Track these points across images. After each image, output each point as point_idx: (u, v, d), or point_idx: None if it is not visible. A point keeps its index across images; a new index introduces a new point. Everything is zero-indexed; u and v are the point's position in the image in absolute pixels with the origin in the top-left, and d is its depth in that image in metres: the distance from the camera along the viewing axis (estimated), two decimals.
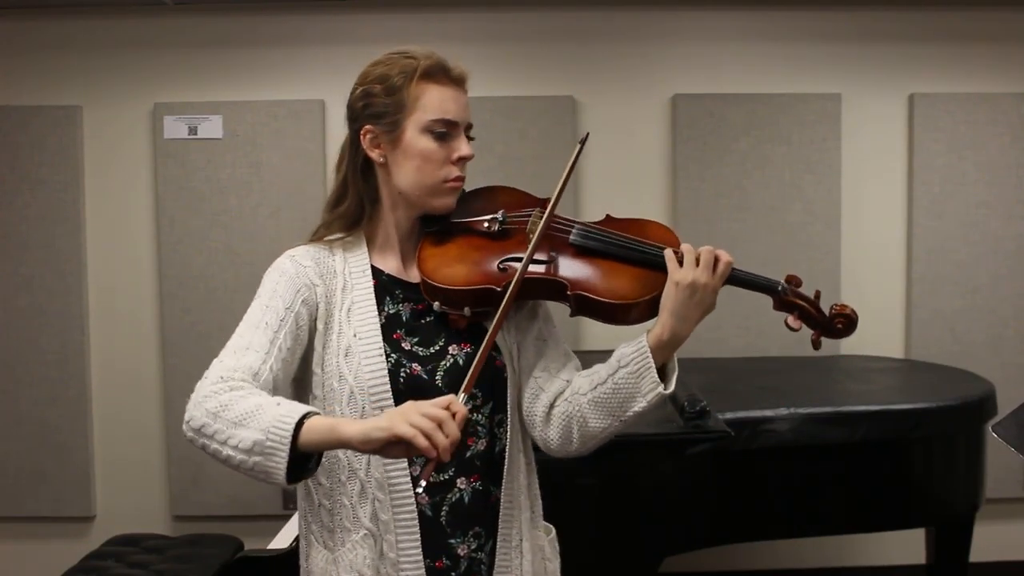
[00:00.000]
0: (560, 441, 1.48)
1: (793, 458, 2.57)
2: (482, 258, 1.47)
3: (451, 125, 1.45)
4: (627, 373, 1.40)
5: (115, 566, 2.94)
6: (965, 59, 3.77)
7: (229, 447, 1.24)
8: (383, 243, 1.53)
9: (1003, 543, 3.77)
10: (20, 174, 3.65)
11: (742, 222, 3.73)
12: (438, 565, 1.43)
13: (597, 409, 1.43)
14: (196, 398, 1.29)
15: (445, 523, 1.44)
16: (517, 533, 1.50)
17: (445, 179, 1.46)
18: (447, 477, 1.44)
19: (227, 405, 1.25)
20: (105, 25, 3.69)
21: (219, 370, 1.33)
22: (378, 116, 1.45)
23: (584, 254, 1.48)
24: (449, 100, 1.45)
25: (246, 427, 1.23)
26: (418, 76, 1.44)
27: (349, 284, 1.48)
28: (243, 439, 1.22)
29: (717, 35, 3.77)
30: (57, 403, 3.68)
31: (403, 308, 1.49)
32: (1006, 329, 3.77)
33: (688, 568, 3.38)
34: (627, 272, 1.45)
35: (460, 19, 3.70)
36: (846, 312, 1.47)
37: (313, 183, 3.67)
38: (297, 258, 1.50)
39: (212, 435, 1.25)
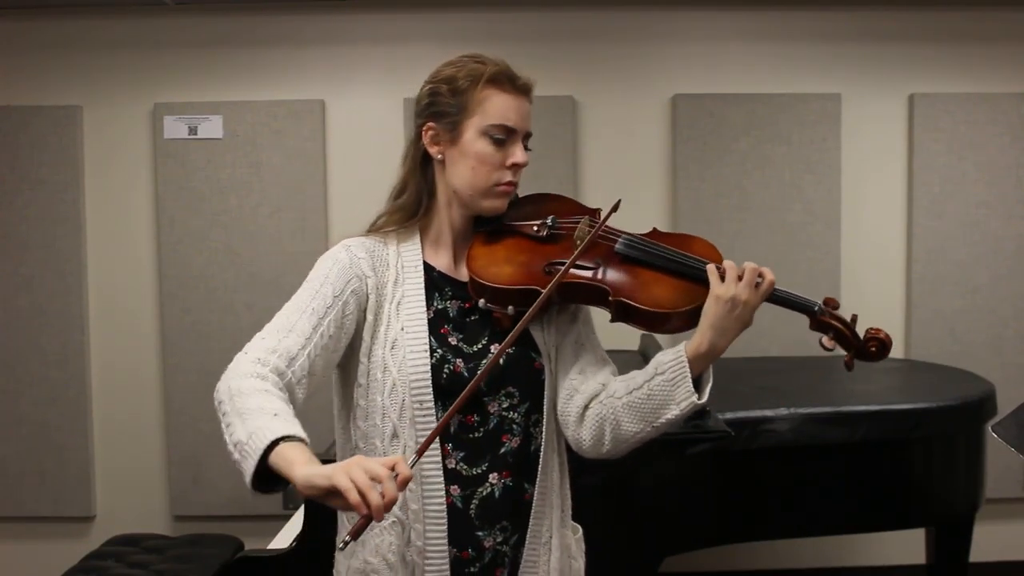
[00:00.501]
0: (592, 442, 1.51)
1: (793, 458, 2.57)
2: (529, 260, 1.52)
3: (509, 132, 1.50)
4: (663, 381, 1.43)
5: (115, 566, 2.94)
6: (965, 59, 3.77)
7: (227, 433, 1.29)
8: (436, 239, 1.57)
9: (1003, 543, 3.77)
10: (20, 174, 3.66)
11: (742, 222, 3.73)
12: (464, 555, 1.48)
13: (631, 413, 1.46)
14: (232, 369, 1.36)
15: (474, 515, 1.48)
16: (547, 530, 1.54)
17: (497, 182, 1.51)
18: (480, 472, 1.48)
19: (243, 392, 1.31)
20: (105, 25, 3.69)
21: (259, 350, 1.38)
22: (441, 115, 1.51)
23: (628, 263, 1.52)
24: (511, 108, 1.50)
25: (242, 423, 1.27)
26: (484, 81, 1.49)
27: (401, 278, 1.52)
28: (236, 431, 1.27)
29: (717, 35, 3.77)
30: (57, 403, 3.68)
31: (451, 305, 1.53)
32: (1006, 329, 3.77)
33: (688, 568, 3.39)
34: (668, 283, 1.49)
35: (460, 19, 3.70)
36: (880, 336, 1.50)
37: (313, 183, 3.67)
38: (352, 248, 1.53)
39: (222, 414, 1.31)
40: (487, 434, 1.49)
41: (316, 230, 3.67)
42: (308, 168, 3.68)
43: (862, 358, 1.52)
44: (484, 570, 1.49)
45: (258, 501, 3.67)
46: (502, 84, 1.50)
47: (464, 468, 1.48)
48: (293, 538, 2.43)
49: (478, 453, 1.48)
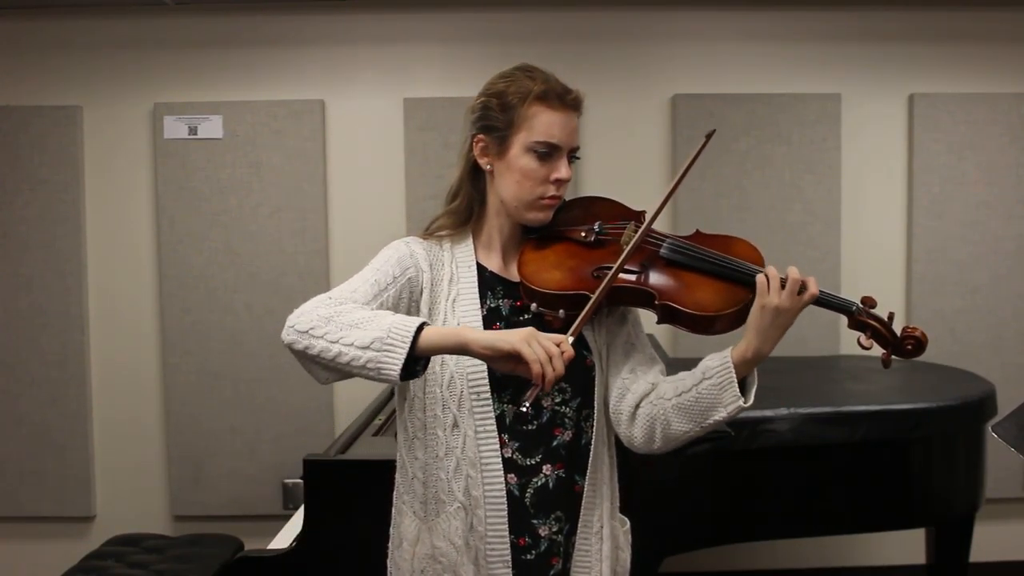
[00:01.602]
0: (643, 439, 1.58)
1: (793, 458, 2.57)
2: (577, 265, 1.58)
3: (554, 148, 1.55)
4: (711, 385, 1.50)
5: (115, 566, 2.94)
6: (965, 59, 3.77)
7: (342, 344, 1.36)
8: (487, 242, 1.64)
9: (1003, 543, 3.77)
10: (20, 174, 3.66)
11: (742, 222, 3.73)
12: (521, 542, 1.54)
13: (680, 414, 1.53)
14: (304, 308, 1.42)
15: (529, 504, 1.55)
16: (598, 520, 1.61)
17: (541, 196, 1.57)
18: (535, 462, 1.55)
19: (342, 312, 1.40)
20: (105, 25, 3.69)
21: (328, 294, 1.46)
22: (490, 129, 1.57)
23: (673, 266, 1.58)
24: (556, 125, 1.55)
25: (363, 328, 1.36)
26: (532, 98, 1.55)
27: (456, 276, 1.59)
28: (360, 337, 1.36)
29: (717, 35, 3.77)
30: (57, 403, 3.68)
31: (503, 304, 1.60)
32: (1006, 329, 3.77)
33: (688, 568, 3.39)
34: (712, 286, 1.55)
35: (460, 19, 3.70)
36: (916, 335, 1.55)
37: (313, 183, 3.67)
38: (411, 243, 1.60)
39: (322, 335, 1.38)
40: (540, 427, 1.56)
41: (316, 230, 3.67)
42: (308, 168, 3.68)
43: (899, 354, 1.57)
44: (540, 558, 1.55)
45: (258, 501, 3.68)
46: (550, 101, 1.56)
47: (520, 458, 1.54)
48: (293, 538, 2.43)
49: (532, 444, 1.55)
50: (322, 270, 3.67)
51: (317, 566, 2.28)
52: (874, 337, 1.56)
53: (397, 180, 3.66)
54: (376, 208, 3.63)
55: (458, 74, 3.66)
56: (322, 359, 1.39)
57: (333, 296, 1.45)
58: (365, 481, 1.60)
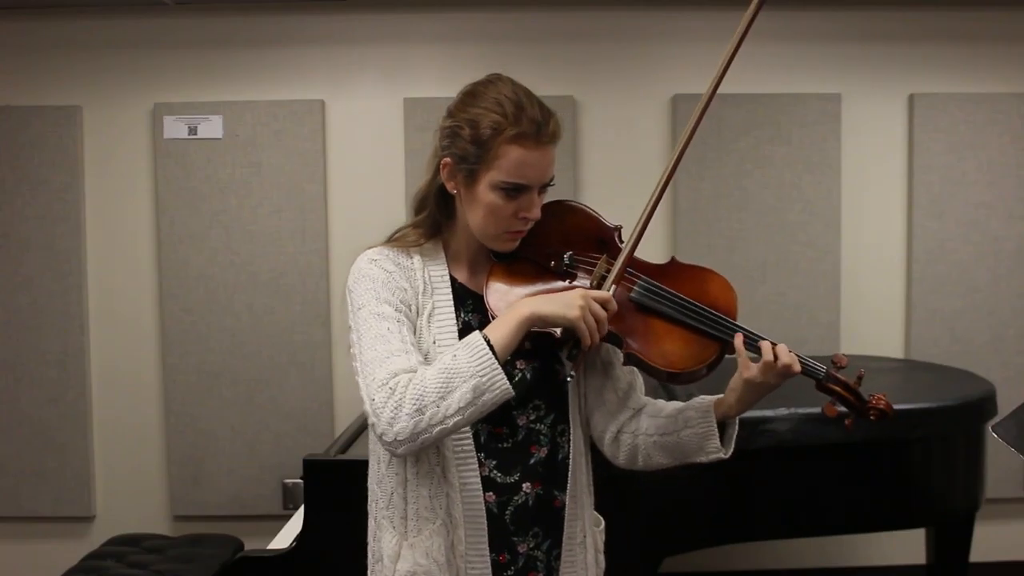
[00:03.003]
0: (626, 463, 1.64)
1: (793, 458, 2.57)
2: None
3: (523, 187, 1.49)
4: (693, 433, 1.55)
5: (115, 566, 2.94)
6: (965, 59, 3.77)
7: (452, 416, 1.35)
8: (456, 253, 1.60)
9: (1003, 543, 3.77)
10: (20, 174, 3.65)
11: (742, 222, 3.73)
12: (501, 559, 1.53)
13: (661, 451, 1.58)
14: (385, 417, 1.36)
15: (509, 522, 1.53)
16: (581, 531, 1.61)
17: (507, 230, 1.52)
18: (514, 480, 1.53)
19: (420, 395, 1.35)
20: (105, 25, 3.69)
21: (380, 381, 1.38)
22: (459, 158, 1.49)
23: (642, 311, 1.53)
24: (529, 165, 1.47)
25: (453, 391, 1.35)
26: (505, 137, 1.46)
27: (429, 289, 1.54)
28: (460, 398, 1.34)
29: (717, 35, 3.74)
30: (57, 403, 3.68)
31: (473, 318, 1.56)
32: (1006, 329, 3.77)
33: (688, 568, 3.39)
34: (682, 338, 1.50)
35: (460, 19, 3.70)
36: (881, 406, 1.53)
37: (313, 183, 3.67)
38: (379, 262, 1.52)
39: (429, 425, 1.35)
40: (516, 445, 1.54)
41: (316, 230, 3.67)
42: (308, 168, 3.68)
43: (860, 420, 1.55)
44: (519, 573, 1.55)
45: (258, 501, 3.68)
46: (524, 140, 1.46)
47: (499, 476, 1.53)
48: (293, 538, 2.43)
49: (510, 462, 1.53)
50: (322, 270, 3.67)
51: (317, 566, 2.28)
52: (840, 402, 1.53)
53: (397, 180, 3.66)
54: (376, 208, 3.63)
55: (458, 74, 3.61)
56: (444, 437, 1.39)
57: (392, 385, 1.37)
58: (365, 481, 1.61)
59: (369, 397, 1.39)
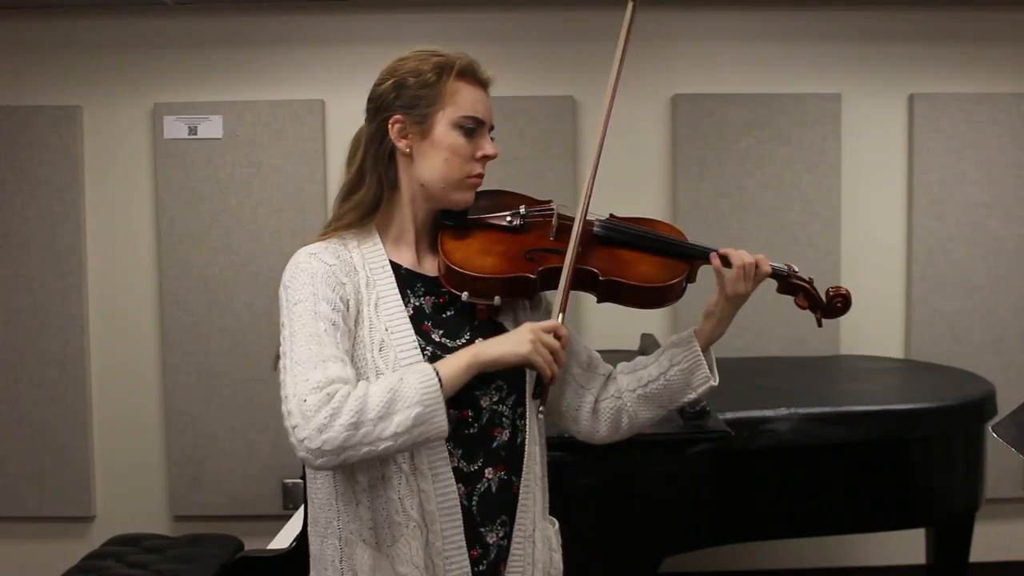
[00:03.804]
0: (608, 432, 1.63)
1: (793, 458, 2.57)
2: (507, 250, 1.53)
3: (479, 123, 1.51)
4: (679, 370, 1.56)
5: (115, 566, 2.94)
6: (965, 59, 3.77)
7: (386, 440, 1.29)
8: (398, 236, 1.54)
9: (1003, 543, 3.77)
10: (20, 174, 3.66)
11: (742, 222, 3.73)
12: (474, 553, 1.47)
13: (648, 403, 1.59)
14: (316, 422, 1.28)
15: (476, 512, 1.48)
16: (531, 523, 1.54)
17: (468, 174, 1.51)
18: (476, 468, 1.48)
19: (359, 409, 1.29)
20: (105, 25, 3.69)
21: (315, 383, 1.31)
22: (410, 107, 1.49)
23: (609, 244, 1.58)
24: (479, 100, 1.51)
25: (394, 414, 1.30)
26: (454, 73, 1.49)
27: (371, 279, 1.48)
28: (399, 423, 1.30)
29: (717, 35, 3.76)
30: (57, 403, 3.68)
31: (425, 301, 1.51)
32: (1006, 329, 3.77)
33: (688, 568, 3.39)
34: (651, 260, 1.57)
35: (460, 19, 3.70)
36: (841, 292, 1.64)
37: (313, 183, 3.67)
38: (319, 255, 1.47)
39: (360, 441, 1.29)
40: (480, 429, 1.48)
41: (316, 230, 3.63)
42: (308, 168, 3.68)
43: (829, 315, 1.64)
44: (491, 567, 1.49)
45: (258, 501, 3.68)
46: (468, 77, 1.51)
47: (464, 465, 1.47)
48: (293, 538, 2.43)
49: (474, 449, 1.48)
50: None
51: None
52: (807, 298, 1.61)
53: None
54: None
55: None
56: (369, 458, 1.32)
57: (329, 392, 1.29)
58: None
59: (299, 397, 1.29)
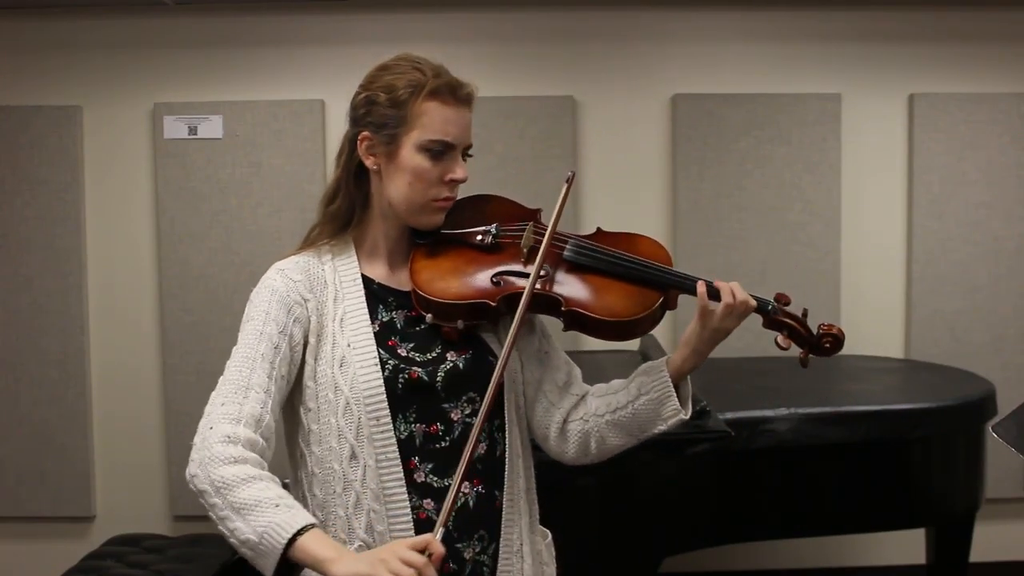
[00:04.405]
0: (576, 454, 1.55)
1: (793, 458, 2.57)
2: (475, 271, 1.48)
3: (448, 146, 1.45)
4: (648, 400, 1.47)
5: (115, 566, 2.94)
6: (965, 59, 3.77)
7: (227, 528, 1.27)
8: (371, 250, 1.53)
9: (1003, 543, 3.76)
10: (20, 174, 3.65)
11: (742, 222, 3.73)
12: (446, 569, 1.41)
13: (616, 430, 1.50)
14: (203, 454, 1.29)
15: (452, 528, 1.43)
16: (518, 537, 1.51)
17: (434, 198, 1.47)
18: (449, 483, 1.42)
19: (230, 485, 1.27)
20: (105, 25, 3.69)
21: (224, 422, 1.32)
22: (378, 126, 1.46)
23: (578, 269, 1.49)
24: (451, 122, 1.45)
25: (244, 519, 1.25)
26: (424, 93, 1.44)
27: (340, 294, 1.47)
28: (239, 530, 1.25)
29: (717, 35, 3.76)
30: (57, 403, 3.68)
31: (396, 315, 1.49)
32: (1006, 329, 3.77)
33: (688, 568, 3.38)
34: (622, 289, 1.47)
35: (460, 19, 3.70)
36: (833, 332, 1.50)
37: (313, 183, 3.67)
38: (287, 272, 1.48)
39: (212, 506, 1.28)
40: (452, 443, 1.44)
41: None
42: (308, 168, 3.67)
43: (817, 353, 1.51)
44: None
45: None
46: (443, 96, 1.45)
47: (435, 480, 1.43)
48: None
49: (447, 463, 1.43)
50: None
51: None
52: (791, 336, 1.48)
53: None
54: None
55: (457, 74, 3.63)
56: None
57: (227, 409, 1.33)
58: None
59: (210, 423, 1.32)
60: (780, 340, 1.48)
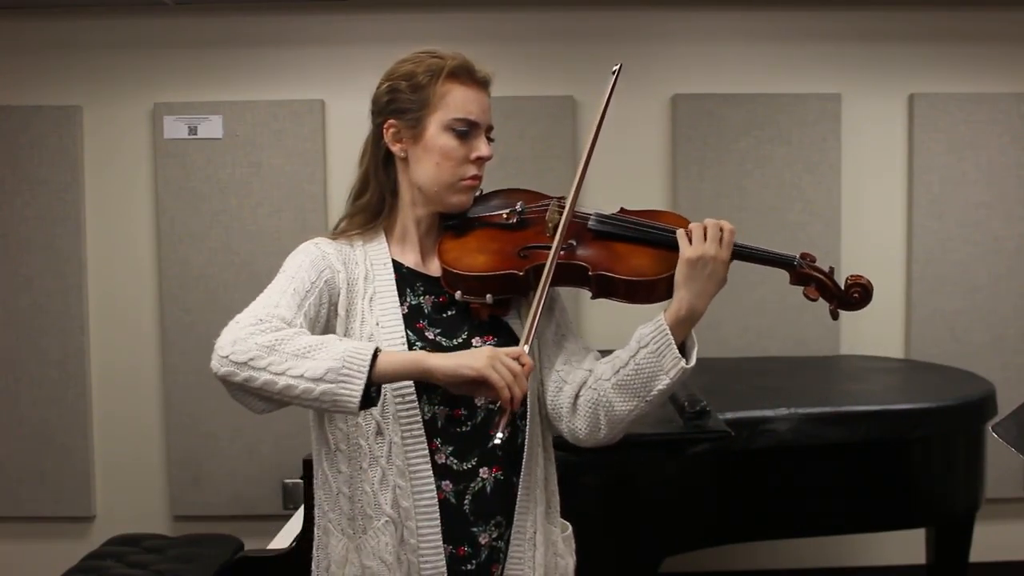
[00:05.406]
0: (588, 430, 1.51)
1: (793, 458, 2.57)
2: (502, 247, 1.52)
3: (472, 125, 1.49)
4: (648, 352, 1.44)
5: (115, 566, 2.94)
6: (965, 59, 3.77)
7: (290, 376, 1.27)
8: (402, 237, 1.56)
9: (1003, 543, 3.77)
10: (20, 174, 3.66)
11: (742, 222, 3.68)
12: (460, 552, 1.46)
13: (622, 392, 1.46)
14: (235, 335, 1.31)
15: (468, 511, 1.46)
16: (531, 525, 1.52)
17: (462, 177, 1.51)
18: (470, 466, 1.47)
19: (284, 339, 1.29)
20: (105, 25, 3.69)
21: (253, 314, 1.34)
22: (402, 111, 1.50)
23: (601, 238, 1.54)
24: (472, 101, 1.50)
25: (313, 358, 1.27)
26: (444, 75, 1.48)
27: (371, 274, 1.51)
28: (312, 367, 1.27)
29: (717, 35, 3.76)
30: (57, 403, 3.68)
31: (424, 301, 1.52)
32: (1006, 329, 3.77)
33: (688, 568, 3.38)
34: (644, 252, 1.51)
35: (460, 19, 3.70)
36: (862, 282, 1.50)
37: (313, 183, 3.67)
38: (320, 244, 1.53)
39: (266, 366, 1.28)
40: (475, 428, 1.47)
41: (316, 230, 3.62)
42: (308, 168, 3.68)
43: (846, 306, 1.51)
44: (480, 567, 1.48)
45: (258, 501, 3.68)
46: (462, 78, 1.49)
47: (455, 463, 1.46)
48: (293, 538, 2.43)
49: (467, 447, 1.47)
50: None
51: None
52: (819, 289, 1.50)
53: None
54: None
55: None
56: (265, 391, 1.29)
57: (262, 317, 1.32)
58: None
59: (235, 320, 1.34)
60: (809, 292, 1.51)
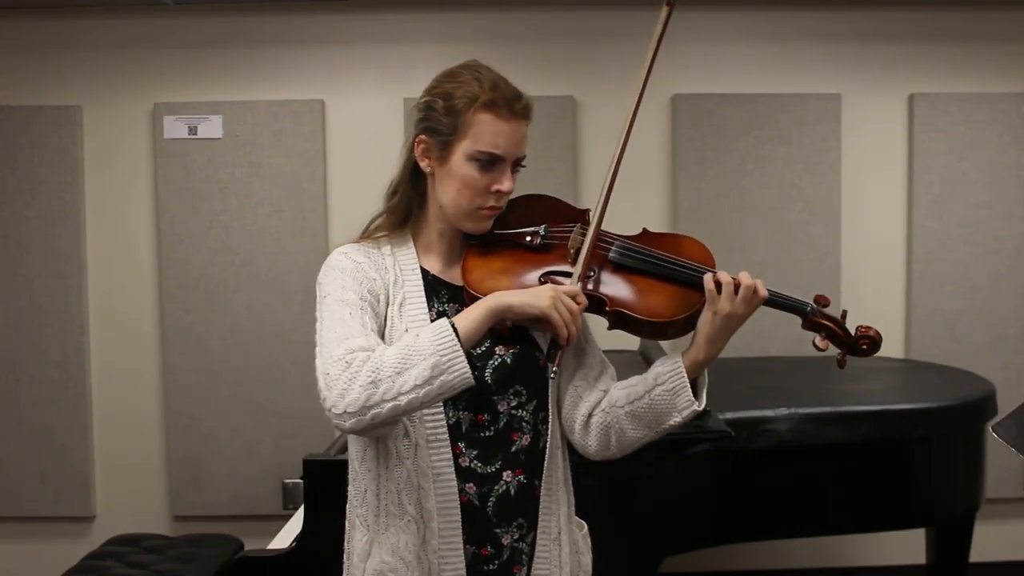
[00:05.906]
0: (598, 447, 1.57)
1: (793, 458, 2.57)
2: (524, 271, 1.53)
3: (496, 158, 1.49)
4: (664, 391, 1.49)
5: (115, 566, 2.94)
6: (965, 59, 3.77)
7: (407, 393, 1.30)
8: (427, 245, 1.58)
9: (1003, 543, 3.77)
10: (20, 174, 3.66)
11: (742, 222, 3.73)
12: (483, 553, 1.50)
13: (634, 421, 1.52)
14: (337, 388, 1.33)
15: (491, 513, 1.50)
16: (556, 525, 1.56)
17: (480, 207, 1.51)
18: (494, 469, 1.50)
19: (376, 368, 1.32)
20: (105, 25, 3.69)
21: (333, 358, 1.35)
22: (434, 131, 1.51)
23: (622, 270, 1.54)
24: (502, 134, 1.48)
25: (412, 365, 1.31)
26: (478, 105, 1.47)
27: (400, 280, 1.53)
28: (417, 375, 1.30)
29: (717, 35, 3.76)
30: (57, 403, 3.68)
31: (448, 308, 1.54)
32: (1006, 329, 3.77)
33: (688, 568, 3.39)
34: (664, 290, 1.52)
35: (460, 19, 3.70)
36: (870, 334, 1.53)
37: (313, 183, 3.67)
38: (351, 255, 1.54)
39: (381, 399, 1.31)
40: (498, 433, 1.51)
41: (316, 230, 3.67)
42: (308, 168, 3.68)
43: (854, 354, 1.55)
44: (503, 567, 1.51)
45: (258, 501, 3.68)
46: (497, 109, 1.48)
47: (479, 466, 1.50)
48: (293, 538, 2.43)
49: (491, 451, 1.50)
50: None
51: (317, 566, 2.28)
52: (829, 338, 1.53)
53: None
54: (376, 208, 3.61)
55: None
56: (398, 415, 1.33)
57: (346, 360, 1.34)
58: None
59: (324, 372, 1.35)
60: (818, 341, 1.53)
